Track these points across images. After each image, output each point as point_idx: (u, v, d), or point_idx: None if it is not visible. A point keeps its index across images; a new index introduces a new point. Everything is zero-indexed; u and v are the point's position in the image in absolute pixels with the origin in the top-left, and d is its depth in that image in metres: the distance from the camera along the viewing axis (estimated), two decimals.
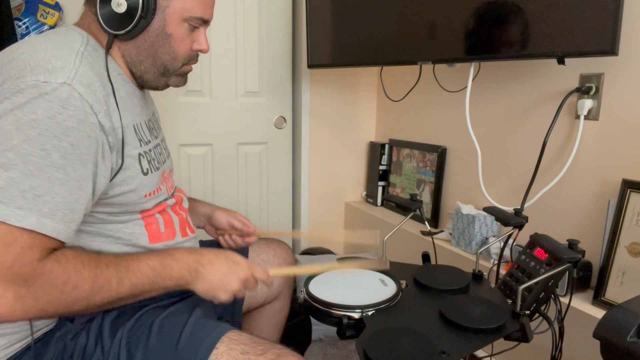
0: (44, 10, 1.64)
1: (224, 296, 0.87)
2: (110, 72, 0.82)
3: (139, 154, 0.88)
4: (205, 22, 0.93)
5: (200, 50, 0.94)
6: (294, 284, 1.47)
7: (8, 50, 0.78)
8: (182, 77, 0.96)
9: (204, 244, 1.21)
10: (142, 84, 0.94)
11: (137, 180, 0.86)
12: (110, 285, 0.77)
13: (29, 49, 0.76)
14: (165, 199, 0.98)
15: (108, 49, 0.84)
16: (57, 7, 1.65)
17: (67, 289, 0.73)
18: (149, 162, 0.91)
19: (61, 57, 0.76)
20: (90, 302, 0.76)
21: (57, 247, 0.75)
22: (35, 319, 0.77)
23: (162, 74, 0.92)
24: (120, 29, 0.83)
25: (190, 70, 0.97)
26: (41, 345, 0.82)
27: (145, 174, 0.89)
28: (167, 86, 0.96)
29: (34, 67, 0.73)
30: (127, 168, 0.84)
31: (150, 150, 0.93)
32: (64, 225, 0.74)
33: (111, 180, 0.82)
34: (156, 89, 0.96)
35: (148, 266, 0.82)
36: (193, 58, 0.95)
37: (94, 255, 0.79)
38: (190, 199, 1.21)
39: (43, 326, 0.84)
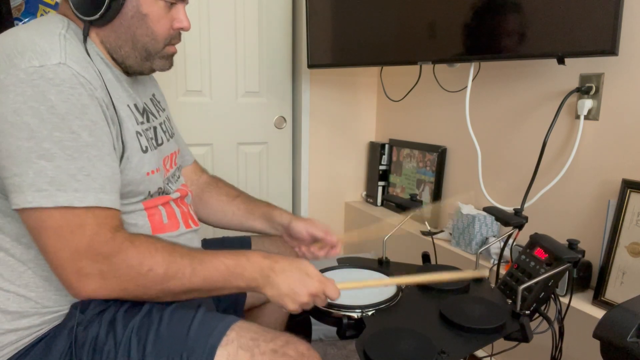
0: (44, 10, 1.64)
1: (291, 306, 0.86)
2: (93, 57, 0.82)
3: (137, 132, 0.88)
4: None
5: (181, 28, 0.92)
6: None
7: None
8: (166, 60, 0.94)
9: (206, 242, 1.20)
10: (126, 70, 0.91)
11: (137, 158, 0.87)
12: (184, 273, 0.80)
13: (11, 35, 0.77)
14: (168, 192, 0.97)
15: (85, 36, 0.83)
16: (57, 7, 1.65)
17: (143, 270, 0.77)
18: (148, 140, 0.91)
19: (46, 38, 0.76)
20: (164, 287, 0.80)
21: (119, 220, 0.80)
22: (118, 298, 0.80)
23: (145, 58, 0.90)
24: (93, 14, 0.82)
25: (175, 52, 0.94)
26: (52, 337, 0.82)
27: (145, 151, 0.89)
28: (152, 70, 0.94)
29: (22, 51, 0.73)
30: (127, 147, 0.85)
31: (146, 130, 0.92)
32: (114, 195, 0.79)
33: (120, 161, 0.83)
34: (141, 73, 0.94)
35: (222, 263, 0.84)
36: (175, 37, 0.93)
37: (168, 244, 0.82)
38: (261, 202, 1.19)
39: (55, 317, 0.83)
